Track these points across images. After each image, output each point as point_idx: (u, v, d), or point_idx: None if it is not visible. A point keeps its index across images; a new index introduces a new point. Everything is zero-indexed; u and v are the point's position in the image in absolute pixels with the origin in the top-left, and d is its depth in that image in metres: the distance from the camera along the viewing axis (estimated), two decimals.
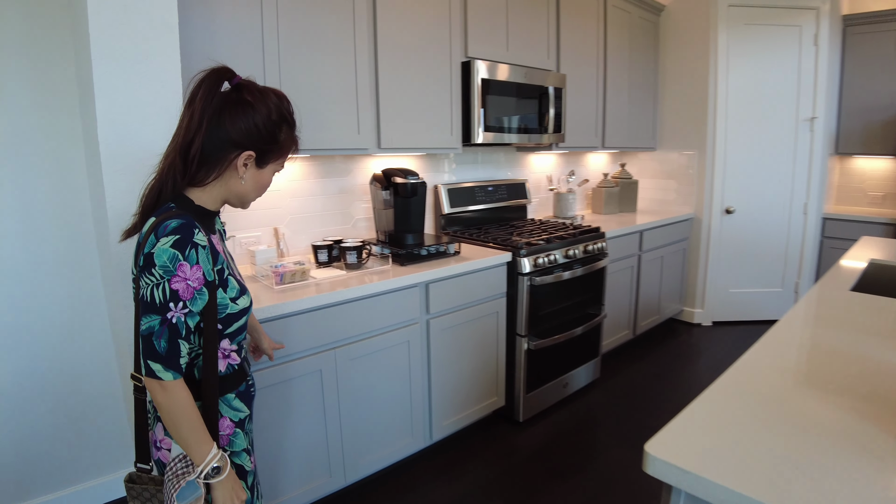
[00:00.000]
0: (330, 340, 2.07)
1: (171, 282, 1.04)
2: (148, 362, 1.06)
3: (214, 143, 1.13)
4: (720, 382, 1.22)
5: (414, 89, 2.58)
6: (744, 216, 4.24)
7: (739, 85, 4.07)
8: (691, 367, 3.61)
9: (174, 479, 1.10)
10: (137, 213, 1.18)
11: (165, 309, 1.05)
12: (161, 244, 1.04)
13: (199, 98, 1.11)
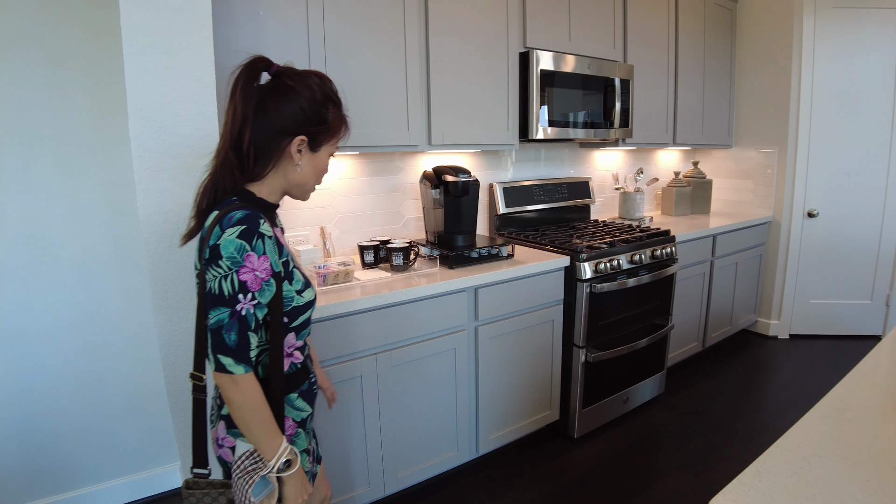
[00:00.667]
0: (372, 345, 1.97)
1: (240, 273, 1.03)
2: (218, 357, 1.04)
3: (265, 135, 1.12)
4: (806, 424, 1.02)
5: (467, 82, 2.44)
6: (828, 220, 3.86)
7: (826, 76, 3.69)
8: (766, 384, 3.30)
9: (245, 476, 1.09)
10: (194, 215, 1.16)
11: (234, 301, 1.03)
12: (227, 235, 1.03)
13: (238, 91, 1.10)
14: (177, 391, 1.55)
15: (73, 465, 2.17)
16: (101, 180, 2.07)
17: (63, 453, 2.15)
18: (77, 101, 2.00)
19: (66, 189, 2.02)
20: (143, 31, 1.39)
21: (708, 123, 3.83)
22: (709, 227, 3.39)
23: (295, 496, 1.13)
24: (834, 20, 3.62)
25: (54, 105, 1.97)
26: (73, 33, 1.96)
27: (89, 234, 2.08)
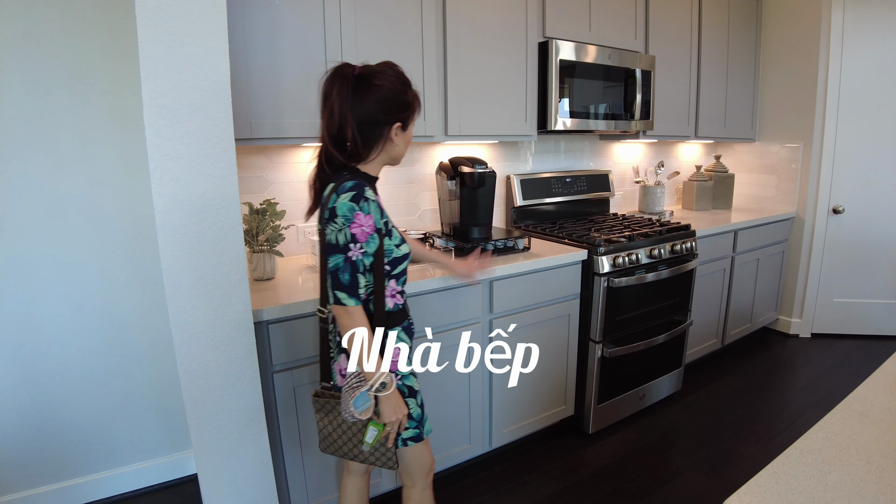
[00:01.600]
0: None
1: (351, 227, 1.31)
2: (335, 292, 1.33)
3: (369, 128, 1.38)
4: (827, 426, 0.98)
5: (484, 72, 2.41)
6: (854, 217, 3.77)
7: (855, 68, 3.58)
8: (786, 384, 3.24)
9: (350, 391, 1.35)
10: (311, 196, 1.48)
11: (347, 249, 1.32)
12: (341, 199, 1.31)
13: (334, 96, 1.35)
14: (190, 378, 1.55)
15: (91, 450, 2.21)
16: (118, 169, 2.09)
17: (81, 438, 2.18)
18: (97, 91, 2.02)
19: (86, 178, 2.04)
20: (157, 19, 1.38)
21: (731, 117, 3.75)
22: (730, 222, 3.32)
23: (390, 413, 1.37)
24: (863, 11, 3.51)
25: (74, 96, 1.98)
26: (94, 21, 1.97)
27: (108, 222, 2.10)
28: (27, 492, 2.11)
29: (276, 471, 1.81)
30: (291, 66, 1.93)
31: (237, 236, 1.56)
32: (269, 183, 2.31)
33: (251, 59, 1.85)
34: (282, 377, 1.77)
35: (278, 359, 1.76)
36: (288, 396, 1.80)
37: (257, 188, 2.28)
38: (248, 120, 1.88)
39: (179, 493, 2.30)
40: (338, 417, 1.47)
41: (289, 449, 1.84)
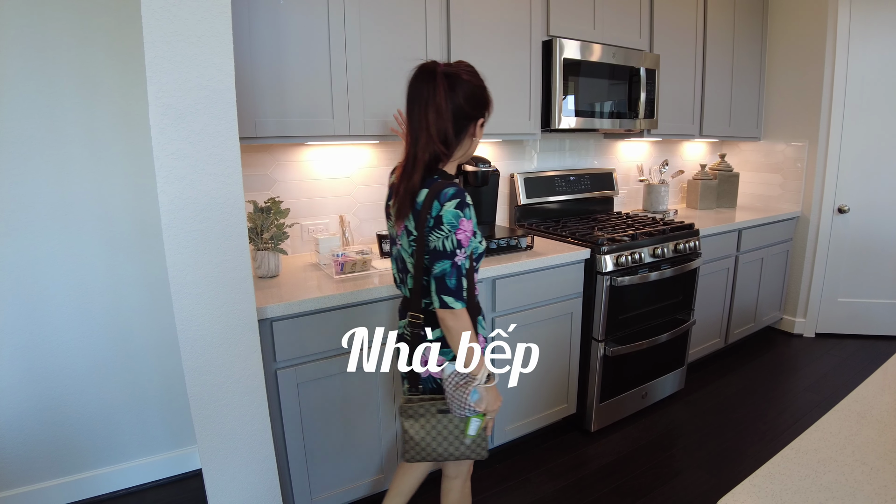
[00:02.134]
0: (391, 331, 1.97)
1: (456, 234, 1.35)
2: (442, 297, 1.37)
3: (460, 124, 1.41)
4: (824, 426, 0.99)
5: (488, 70, 2.38)
6: (860, 216, 3.75)
7: (861, 67, 3.56)
8: (790, 383, 3.24)
9: (461, 388, 1.43)
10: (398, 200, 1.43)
11: (453, 255, 1.36)
12: (447, 207, 1.34)
13: (441, 93, 1.35)
14: (195, 374, 1.57)
15: (97, 445, 2.23)
16: (125, 168, 2.11)
17: (88, 433, 2.21)
18: (105, 90, 2.03)
19: (94, 177, 2.06)
20: (163, 20, 1.40)
21: (736, 115, 3.74)
22: (734, 221, 3.32)
23: (493, 402, 1.44)
24: (870, 9, 3.49)
25: (82, 97, 2.00)
26: (103, 21, 1.99)
27: (115, 220, 2.12)
28: (34, 485, 2.14)
29: (279, 466, 1.83)
30: (296, 66, 1.94)
31: (241, 234, 1.57)
32: (274, 181, 2.32)
33: (256, 59, 1.87)
34: (286, 374, 1.79)
35: (282, 355, 1.78)
36: (292, 393, 1.81)
37: (262, 186, 2.30)
38: (253, 119, 1.89)
39: (184, 488, 2.33)
40: (431, 421, 1.51)
41: (292, 445, 1.86)
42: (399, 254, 1.52)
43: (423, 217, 1.37)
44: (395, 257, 1.56)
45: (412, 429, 1.52)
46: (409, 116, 1.43)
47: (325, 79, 2.00)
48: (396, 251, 1.54)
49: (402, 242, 1.48)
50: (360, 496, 2.07)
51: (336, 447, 1.96)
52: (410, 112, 1.42)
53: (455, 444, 1.52)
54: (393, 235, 1.54)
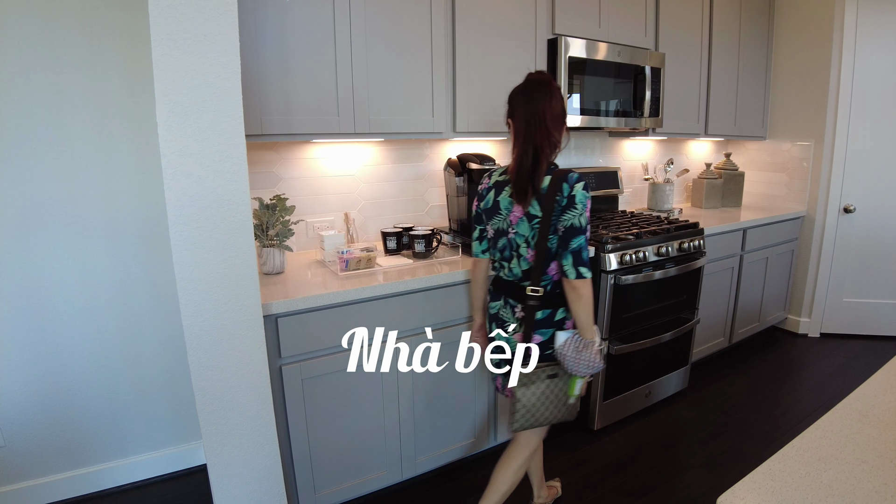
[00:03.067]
0: (391, 331, 1.98)
1: (586, 212, 1.58)
2: (579, 268, 1.59)
3: (561, 124, 1.65)
4: (825, 424, 0.99)
5: (493, 69, 2.42)
6: (866, 216, 3.74)
7: (868, 65, 3.55)
8: (794, 383, 3.23)
9: (584, 350, 1.63)
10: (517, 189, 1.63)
11: (586, 230, 1.59)
12: (577, 188, 1.57)
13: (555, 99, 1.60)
14: (200, 370, 1.58)
15: (103, 439, 2.25)
16: (133, 164, 2.12)
17: (94, 427, 2.23)
18: (113, 87, 2.05)
19: (101, 173, 2.08)
20: (170, 18, 1.41)
21: (741, 114, 3.73)
22: (739, 220, 3.31)
23: (600, 362, 1.65)
24: (877, 8, 3.47)
25: (90, 94, 2.02)
26: (111, 18, 2.00)
27: (122, 216, 2.14)
28: (40, 479, 2.16)
29: (283, 461, 1.84)
30: (302, 64, 1.95)
31: (247, 231, 1.58)
32: (280, 178, 2.34)
33: (262, 57, 1.88)
34: (290, 370, 1.80)
35: (287, 351, 1.79)
36: (296, 388, 1.83)
37: (268, 184, 2.31)
38: (259, 117, 1.90)
39: (190, 483, 2.34)
40: (541, 386, 1.68)
41: (297, 440, 1.87)
42: (511, 240, 1.69)
43: (551, 199, 1.58)
44: (501, 246, 1.73)
45: (524, 396, 1.67)
46: (527, 118, 1.60)
47: (330, 77, 2.01)
48: (504, 240, 1.71)
49: (519, 228, 1.65)
50: (365, 492, 2.08)
51: (340, 443, 1.97)
52: (529, 114, 1.60)
53: (559, 406, 1.71)
54: (502, 227, 1.70)
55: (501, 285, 1.78)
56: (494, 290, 1.81)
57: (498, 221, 1.71)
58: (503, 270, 1.77)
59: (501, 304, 1.78)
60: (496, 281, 1.81)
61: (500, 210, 1.70)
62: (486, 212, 1.75)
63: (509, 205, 1.67)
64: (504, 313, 1.78)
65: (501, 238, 1.72)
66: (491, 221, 1.74)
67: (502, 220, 1.70)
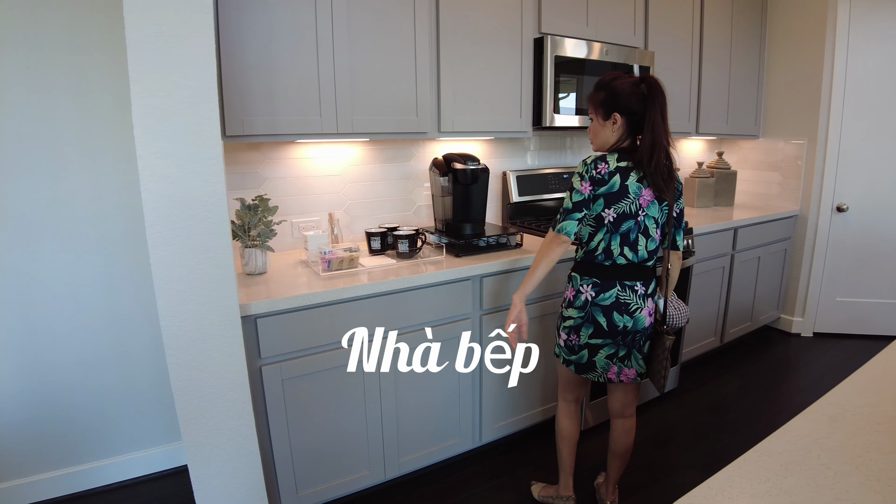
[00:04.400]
0: (374, 331, 1.98)
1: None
2: (685, 240, 1.89)
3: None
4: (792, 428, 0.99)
5: (479, 68, 2.41)
6: (859, 215, 3.73)
7: (862, 65, 3.53)
8: (786, 383, 3.22)
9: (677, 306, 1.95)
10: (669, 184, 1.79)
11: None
12: (680, 179, 1.86)
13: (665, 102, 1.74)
14: (179, 371, 1.58)
15: (91, 438, 2.25)
16: (119, 165, 2.11)
17: (82, 426, 2.23)
18: (98, 88, 2.04)
19: (88, 174, 2.07)
20: (146, 20, 1.40)
21: (734, 113, 3.72)
22: (732, 219, 3.30)
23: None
24: (871, 6, 3.46)
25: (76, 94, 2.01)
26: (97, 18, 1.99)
27: (109, 216, 2.13)
28: (29, 478, 2.16)
29: (264, 462, 1.84)
30: (284, 65, 1.95)
31: (224, 232, 1.58)
32: (264, 178, 2.33)
33: (244, 58, 1.87)
34: (271, 370, 1.80)
35: (267, 352, 1.79)
36: (276, 389, 1.82)
37: (252, 184, 2.31)
38: (241, 117, 1.90)
39: (177, 482, 2.34)
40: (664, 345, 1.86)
41: (278, 440, 1.87)
42: (640, 222, 1.78)
43: (674, 187, 1.80)
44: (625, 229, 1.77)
45: (667, 360, 1.87)
46: (653, 117, 1.71)
47: (313, 77, 2.00)
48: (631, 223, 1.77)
49: (650, 211, 1.79)
50: (348, 492, 2.08)
51: (323, 443, 1.97)
52: (650, 112, 1.71)
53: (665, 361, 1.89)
54: (629, 210, 1.75)
55: (617, 271, 1.80)
56: (603, 278, 1.80)
57: (625, 205, 1.75)
58: (617, 255, 1.79)
59: (619, 290, 1.79)
60: (607, 269, 1.80)
61: (628, 194, 1.74)
62: (609, 196, 1.74)
63: (638, 189, 1.74)
64: (625, 297, 1.80)
65: (626, 221, 1.76)
66: (614, 205, 1.75)
67: (630, 204, 1.75)
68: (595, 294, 1.81)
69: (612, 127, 1.78)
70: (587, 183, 1.74)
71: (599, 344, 1.84)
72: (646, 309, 1.83)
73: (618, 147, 1.78)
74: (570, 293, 1.88)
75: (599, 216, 1.76)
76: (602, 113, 1.78)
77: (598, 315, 1.81)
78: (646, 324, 1.84)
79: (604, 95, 1.77)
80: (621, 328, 1.81)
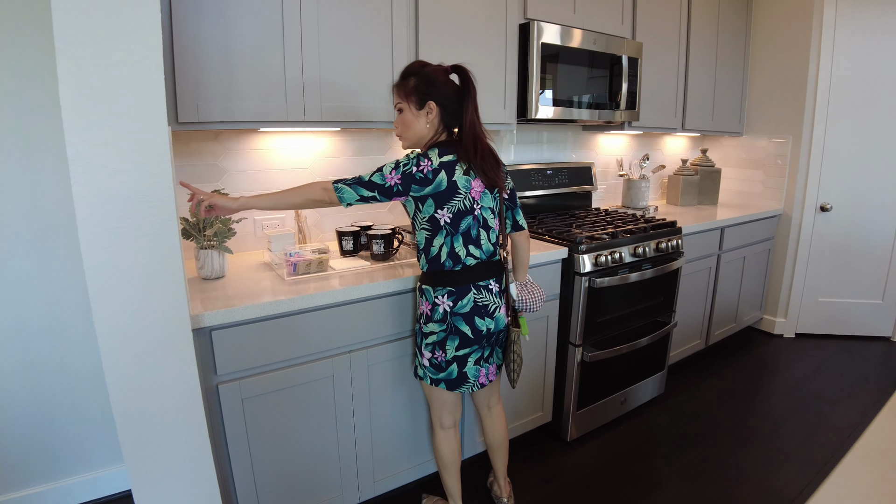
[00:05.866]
0: (345, 343, 1.79)
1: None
2: (525, 219, 1.93)
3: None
4: (846, 471, 0.83)
5: (460, 53, 2.22)
6: (842, 215, 3.66)
7: (846, 62, 3.45)
8: (771, 386, 3.13)
9: (532, 291, 1.91)
10: (491, 159, 1.69)
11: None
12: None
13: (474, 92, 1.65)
14: (120, 391, 1.37)
15: (32, 461, 2.02)
16: (59, 158, 1.88)
17: (21, 448, 2.00)
18: (34, 72, 1.80)
19: (25, 169, 1.84)
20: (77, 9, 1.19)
21: (719, 109, 3.61)
22: (716, 218, 3.19)
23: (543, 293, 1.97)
24: (856, 4, 3.38)
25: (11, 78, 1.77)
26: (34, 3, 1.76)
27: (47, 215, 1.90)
28: None
29: (223, 489, 1.64)
30: (246, 43, 1.74)
31: (172, 233, 1.37)
32: (224, 171, 2.12)
33: (201, 32, 1.66)
34: (228, 388, 1.60)
35: (224, 368, 1.58)
36: (236, 409, 1.62)
37: (210, 177, 2.09)
38: (195, 102, 1.69)
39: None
40: (510, 339, 1.82)
41: (238, 464, 1.66)
42: (477, 217, 1.65)
43: (503, 173, 1.74)
44: (465, 228, 1.64)
45: (520, 349, 1.84)
46: (465, 107, 1.61)
47: (277, 58, 1.80)
48: (469, 220, 1.64)
49: (484, 202, 1.67)
50: None
51: (289, 465, 1.77)
52: (467, 103, 1.61)
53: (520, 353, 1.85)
54: (463, 206, 1.62)
55: (468, 273, 1.67)
56: (457, 284, 1.66)
57: (458, 202, 1.61)
58: (465, 257, 1.66)
59: (475, 293, 1.68)
60: (458, 274, 1.66)
61: (458, 190, 1.60)
62: (439, 195, 1.59)
63: (467, 182, 1.61)
64: (482, 299, 1.69)
65: (464, 219, 1.63)
66: (446, 205, 1.60)
67: (463, 199, 1.62)
68: (453, 304, 1.66)
69: (426, 118, 1.63)
70: (397, 175, 1.56)
71: (467, 353, 1.72)
72: (503, 306, 1.77)
73: (435, 141, 1.65)
74: (425, 307, 1.71)
75: (433, 219, 1.62)
76: (415, 101, 1.62)
77: (461, 324, 1.68)
78: (506, 321, 1.79)
79: (416, 81, 1.61)
80: (485, 332, 1.71)
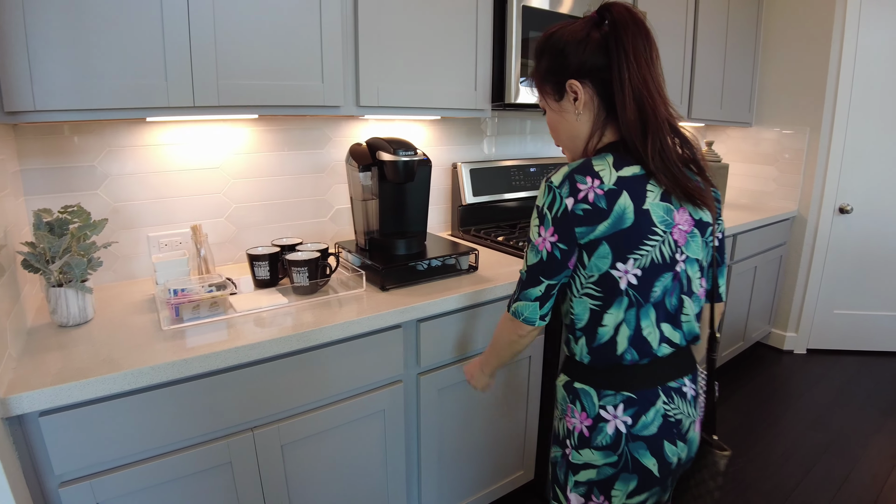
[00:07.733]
0: (248, 418, 1.28)
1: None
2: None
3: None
4: None
5: (416, 17, 1.70)
6: (863, 217, 3.22)
7: (873, 46, 2.99)
8: (787, 417, 2.68)
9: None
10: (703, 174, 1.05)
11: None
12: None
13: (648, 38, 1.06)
14: None
15: None
16: None
17: None
18: None
19: None
20: None
21: (728, 97, 3.13)
22: (726, 223, 2.72)
23: None
24: None
25: None
26: None
27: None
28: None
29: None
30: None
31: None
32: (105, 176, 1.59)
33: None
34: (74, 490, 1.09)
35: (65, 466, 1.07)
36: None
37: (84, 184, 1.56)
38: (28, 84, 1.15)
39: None
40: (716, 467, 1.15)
41: None
42: (681, 275, 1.01)
43: (711, 193, 1.06)
44: (658, 297, 0.99)
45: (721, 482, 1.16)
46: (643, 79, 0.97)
47: (154, 19, 1.27)
48: (668, 281, 0.99)
49: (690, 250, 1.02)
50: None
51: None
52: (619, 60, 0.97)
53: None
54: (662, 257, 0.98)
55: (658, 369, 1.02)
56: (639, 388, 1.01)
57: (653, 247, 0.96)
58: (658, 344, 1.01)
59: (665, 402, 1.02)
60: (643, 371, 1.01)
61: (654, 225, 0.96)
62: (619, 236, 0.95)
63: (668, 213, 0.97)
64: (675, 411, 1.03)
65: (660, 277, 0.98)
66: (633, 252, 0.96)
67: (661, 243, 0.97)
68: (633, 420, 1.01)
69: (573, 108, 1.03)
70: (548, 230, 0.98)
71: (642, 501, 1.06)
72: (697, 420, 1.10)
73: (603, 143, 1.03)
74: (579, 422, 1.05)
75: (607, 279, 0.97)
76: (551, 90, 1.06)
77: (644, 455, 1.01)
78: (698, 441, 1.12)
79: (547, 61, 1.04)
80: (675, 465, 1.05)
